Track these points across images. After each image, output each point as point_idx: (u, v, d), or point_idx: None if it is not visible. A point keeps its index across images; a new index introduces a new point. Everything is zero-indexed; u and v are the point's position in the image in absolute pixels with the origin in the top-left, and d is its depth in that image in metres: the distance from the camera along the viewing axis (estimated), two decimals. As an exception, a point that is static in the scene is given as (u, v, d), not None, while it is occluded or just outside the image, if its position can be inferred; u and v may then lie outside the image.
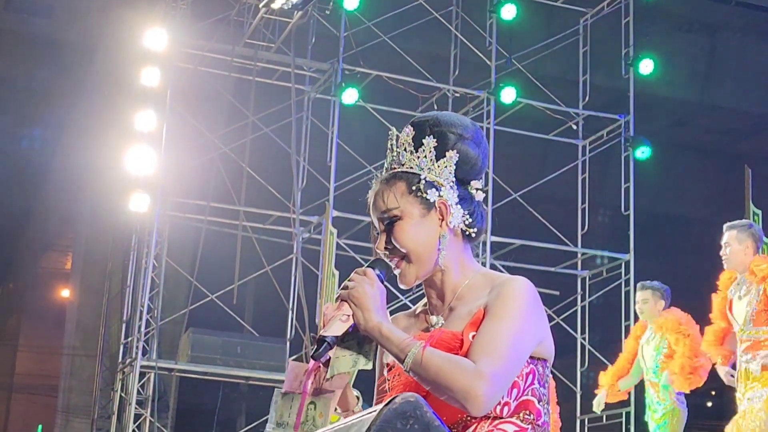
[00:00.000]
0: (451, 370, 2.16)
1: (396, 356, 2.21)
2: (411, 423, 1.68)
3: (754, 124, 15.98)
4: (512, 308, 2.27)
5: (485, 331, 2.25)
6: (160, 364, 10.95)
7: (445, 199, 2.38)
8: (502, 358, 2.21)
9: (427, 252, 2.36)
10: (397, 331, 2.24)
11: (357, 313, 2.24)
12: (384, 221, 2.38)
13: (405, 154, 2.40)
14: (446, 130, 2.40)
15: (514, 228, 11.99)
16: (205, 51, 11.58)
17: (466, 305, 2.35)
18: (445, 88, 12.28)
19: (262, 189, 11.62)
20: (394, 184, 2.39)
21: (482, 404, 2.17)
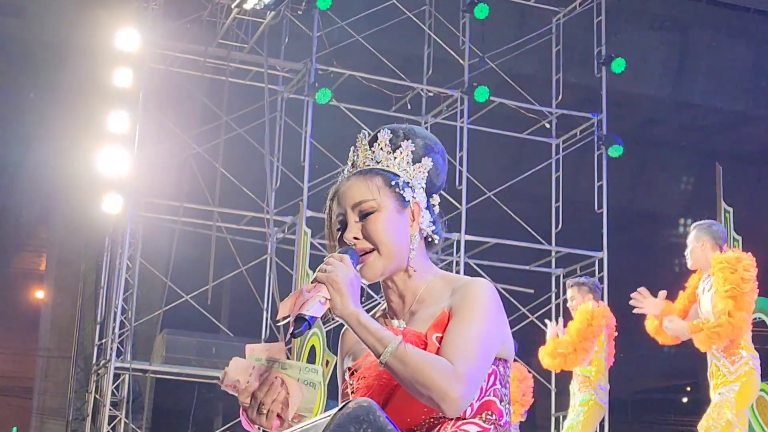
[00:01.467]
0: (430, 369, 2.17)
1: (372, 347, 2.20)
2: (364, 427, 1.70)
3: (726, 120, 16.07)
4: (479, 310, 2.30)
5: (455, 333, 2.26)
6: (135, 366, 10.93)
7: (417, 201, 2.41)
8: (475, 360, 2.24)
9: (399, 247, 2.38)
10: (374, 322, 2.24)
11: (335, 298, 2.21)
12: (358, 212, 2.38)
13: (382, 153, 2.43)
14: (421, 140, 2.45)
15: (488, 227, 12.03)
16: (178, 52, 11.56)
17: (428, 308, 2.37)
18: (419, 87, 12.31)
19: (236, 189, 11.61)
20: (371, 178, 2.40)
21: (458, 406, 2.20)
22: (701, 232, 6.55)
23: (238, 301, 13.92)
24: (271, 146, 11.73)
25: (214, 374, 11.17)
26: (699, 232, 6.56)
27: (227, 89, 11.66)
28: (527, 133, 12.94)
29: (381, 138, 2.44)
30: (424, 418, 2.27)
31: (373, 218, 2.37)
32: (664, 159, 16.38)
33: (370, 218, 2.37)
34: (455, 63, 12.29)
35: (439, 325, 2.31)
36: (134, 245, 11.22)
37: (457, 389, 2.17)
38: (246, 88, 12.10)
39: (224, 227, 11.62)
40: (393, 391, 2.29)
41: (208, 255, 11.36)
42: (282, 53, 12.02)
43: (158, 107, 11.37)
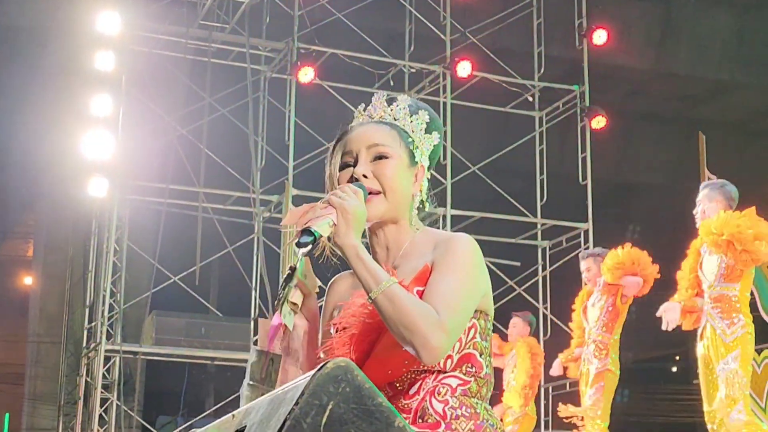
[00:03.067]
0: (417, 313, 2.19)
1: (365, 282, 2.22)
2: (343, 386, 1.73)
3: (710, 89, 16.11)
4: (460, 263, 2.33)
5: (438, 285, 2.29)
6: (125, 348, 10.96)
7: (423, 165, 2.47)
8: (456, 311, 2.26)
9: (403, 198, 2.42)
10: (371, 259, 2.27)
11: (341, 225, 2.23)
12: (373, 152, 2.42)
13: (400, 112, 2.48)
14: (433, 116, 2.52)
15: (473, 201, 12.07)
16: (159, 34, 11.52)
17: (411, 262, 2.40)
18: (401, 63, 12.31)
19: (221, 170, 11.62)
20: (387, 128, 2.45)
21: (437, 354, 2.21)
22: (714, 191, 6.53)
23: (226, 281, 13.96)
24: (255, 126, 11.73)
25: (204, 354, 11.23)
26: (711, 191, 6.53)
27: (210, 70, 11.64)
28: (510, 106, 12.96)
29: (400, 100, 2.50)
30: (405, 371, 2.30)
31: (387, 162, 2.40)
32: (648, 129, 16.44)
33: (384, 161, 2.40)
34: (437, 38, 12.29)
35: (421, 279, 2.33)
36: (121, 228, 11.22)
37: (438, 338, 2.19)
38: (228, 68, 12.09)
39: (210, 208, 11.63)
40: (374, 342, 2.31)
41: (195, 236, 11.38)
42: (263, 33, 11.99)
43: (141, 90, 11.35)
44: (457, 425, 2.28)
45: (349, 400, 1.73)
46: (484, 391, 2.38)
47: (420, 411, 2.29)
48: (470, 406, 2.31)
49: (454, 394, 2.31)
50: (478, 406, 2.33)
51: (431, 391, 2.30)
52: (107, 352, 10.83)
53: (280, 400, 1.81)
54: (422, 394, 2.30)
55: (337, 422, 1.71)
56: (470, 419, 2.29)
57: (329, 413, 1.71)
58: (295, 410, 1.70)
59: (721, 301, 6.37)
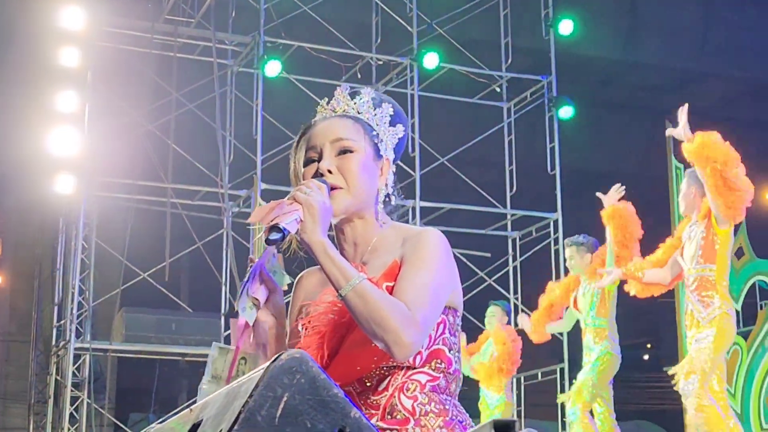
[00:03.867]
0: (389, 309, 2.18)
1: (335, 279, 2.21)
2: (297, 377, 1.71)
3: (678, 79, 16.16)
4: (430, 258, 2.32)
5: (408, 280, 2.28)
6: (95, 345, 10.90)
7: (388, 158, 2.47)
8: (427, 307, 2.26)
9: (368, 193, 2.41)
10: (340, 255, 2.25)
11: (308, 222, 2.22)
12: (337, 147, 2.40)
13: (364, 105, 2.47)
14: (397, 108, 2.52)
15: (442, 192, 12.08)
16: (124, 29, 11.44)
17: (380, 258, 2.39)
18: (368, 56, 12.29)
19: (189, 165, 11.56)
20: (351, 122, 2.44)
21: (409, 350, 2.21)
22: (692, 178, 6.66)
23: (196, 276, 13.90)
24: (223, 120, 11.68)
25: (175, 350, 11.18)
26: (690, 178, 6.68)
27: (176, 65, 11.57)
28: (478, 97, 12.97)
29: (364, 93, 2.49)
30: (375, 367, 2.29)
31: (352, 157, 2.39)
32: (616, 119, 16.50)
33: (348, 156, 2.39)
34: (404, 30, 12.28)
35: (390, 274, 2.32)
36: (89, 225, 11.15)
37: (410, 334, 2.19)
38: (195, 63, 12.03)
39: (179, 203, 11.58)
40: (343, 338, 2.31)
41: (164, 232, 11.32)
42: (230, 26, 11.95)
43: (107, 85, 11.27)
44: (426, 421, 2.28)
45: (304, 392, 1.72)
46: (453, 387, 2.38)
47: (389, 407, 2.29)
48: (439, 402, 2.32)
49: (423, 390, 2.31)
50: (447, 402, 2.34)
51: (400, 387, 2.30)
52: (77, 350, 10.76)
53: (235, 392, 1.80)
54: (391, 390, 2.30)
55: (292, 414, 1.70)
56: (439, 415, 2.29)
57: (284, 405, 1.70)
58: (250, 402, 1.69)
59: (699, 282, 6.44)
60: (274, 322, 2.38)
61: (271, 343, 2.36)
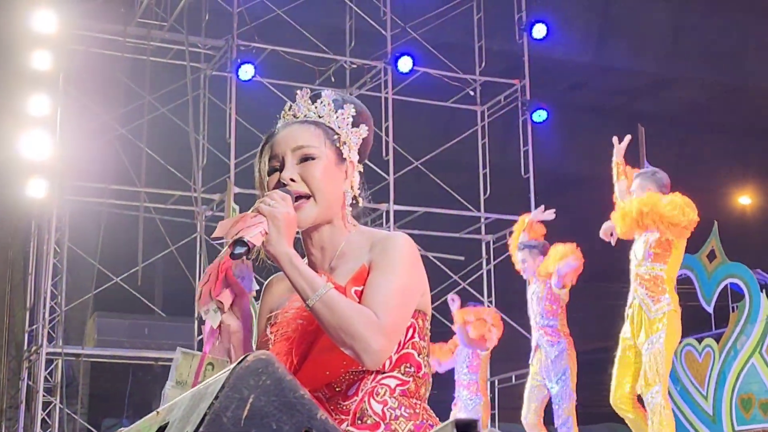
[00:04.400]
0: (356, 318, 2.19)
1: (301, 290, 2.21)
2: (263, 379, 1.71)
3: (650, 83, 16.26)
4: (398, 263, 2.32)
5: (376, 286, 2.28)
6: (67, 350, 10.83)
7: (353, 160, 2.45)
8: (396, 313, 2.26)
9: (334, 199, 2.40)
10: (306, 266, 2.25)
11: (272, 234, 2.22)
12: (299, 155, 2.38)
13: (325, 109, 2.45)
14: (360, 108, 2.50)
15: (417, 196, 12.09)
16: (97, 32, 11.40)
17: (348, 263, 2.39)
18: (342, 59, 12.30)
19: (162, 169, 11.52)
20: (312, 128, 2.41)
21: (379, 358, 2.22)
22: (646, 180, 6.67)
23: (169, 281, 13.85)
24: (196, 124, 11.65)
25: (147, 355, 11.13)
26: (643, 180, 6.68)
27: (148, 68, 11.53)
28: (452, 101, 13.00)
29: (324, 96, 2.47)
30: (344, 372, 2.28)
31: (314, 164, 2.37)
32: (588, 123, 16.54)
33: (310, 163, 2.37)
34: (378, 34, 12.29)
35: (358, 279, 2.32)
36: (61, 229, 11.09)
37: (380, 341, 2.19)
38: (168, 66, 11.99)
39: (152, 207, 11.54)
40: (312, 344, 2.30)
41: (137, 236, 11.27)
42: (203, 30, 11.91)
43: (79, 89, 11.22)
44: (397, 425, 2.28)
45: (269, 393, 1.72)
46: (423, 391, 2.37)
47: (359, 412, 2.28)
48: (409, 406, 2.31)
49: (393, 395, 2.31)
50: (417, 406, 2.33)
51: (370, 392, 2.29)
52: (49, 355, 10.69)
53: (202, 394, 1.80)
54: (361, 395, 2.29)
55: (258, 415, 1.70)
56: (409, 419, 2.29)
57: (250, 406, 1.70)
58: (215, 404, 1.69)
59: (649, 279, 6.48)
60: (240, 326, 2.36)
61: (236, 347, 2.35)
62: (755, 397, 9.23)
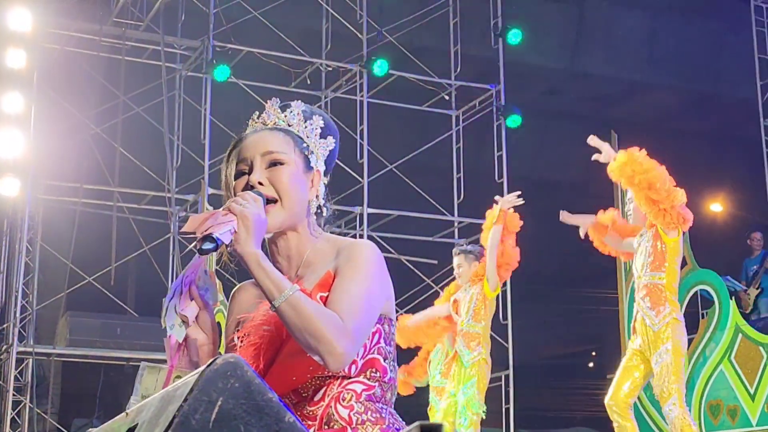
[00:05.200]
0: (322, 320, 2.20)
1: (268, 291, 2.22)
2: (232, 382, 1.73)
3: (623, 90, 16.35)
4: (364, 269, 2.34)
5: (342, 291, 2.30)
6: (38, 350, 10.77)
7: (319, 170, 2.48)
8: (361, 317, 2.28)
9: (300, 205, 2.42)
10: (273, 268, 2.26)
11: (241, 233, 2.22)
12: (267, 160, 2.40)
13: (294, 118, 2.47)
14: (328, 120, 2.52)
15: (390, 199, 12.12)
16: (72, 31, 11.35)
17: (315, 271, 2.40)
18: (318, 62, 12.31)
19: (136, 169, 11.49)
20: (282, 135, 2.44)
21: (343, 361, 2.23)
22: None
23: (142, 281, 13.81)
24: (171, 124, 11.62)
25: (119, 355, 11.09)
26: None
27: (124, 68, 11.50)
28: (427, 105, 13.04)
29: (294, 106, 2.49)
30: (310, 377, 2.30)
31: (282, 169, 2.40)
32: (563, 129, 16.62)
33: (279, 168, 2.39)
34: (353, 37, 12.31)
35: (324, 285, 2.34)
36: (34, 228, 11.04)
37: (344, 344, 2.21)
38: (143, 66, 11.96)
39: (125, 207, 11.51)
40: (279, 350, 2.32)
41: (110, 236, 11.24)
42: (179, 31, 11.90)
43: (54, 87, 11.17)
44: (363, 430, 2.29)
45: (238, 396, 1.73)
46: (389, 396, 2.40)
47: (325, 417, 2.30)
48: (375, 411, 2.33)
49: (359, 400, 2.32)
50: (384, 410, 2.35)
51: (336, 397, 2.31)
52: (20, 354, 10.62)
53: (170, 397, 1.81)
54: (327, 401, 2.31)
55: (227, 418, 1.71)
56: (376, 423, 2.31)
57: (218, 409, 1.72)
58: (184, 407, 1.71)
59: (649, 289, 6.55)
60: (206, 339, 2.38)
61: (203, 360, 2.35)
62: (723, 403, 9.29)
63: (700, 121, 16.76)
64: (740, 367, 9.22)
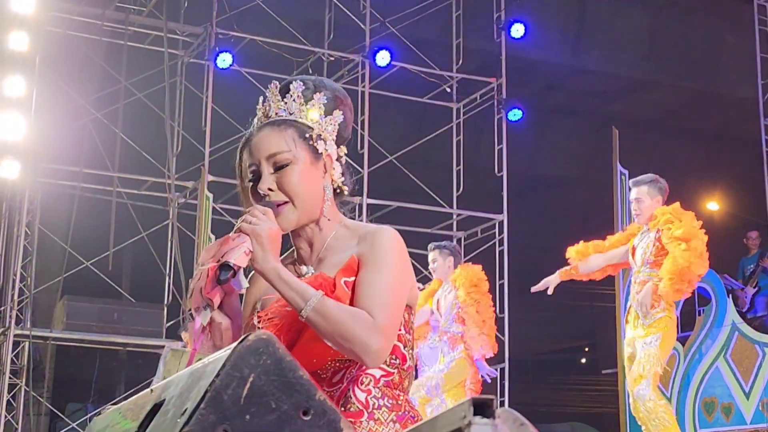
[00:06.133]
0: (351, 322, 2.20)
1: (293, 302, 2.23)
2: (264, 358, 1.73)
3: (623, 86, 16.36)
4: (388, 259, 2.33)
5: (369, 284, 2.30)
6: (35, 333, 10.77)
7: (330, 153, 2.43)
8: (391, 310, 2.28)
9: (313, 200, 2.39)
10: (294, 277, 2.27)
11: (257, 251, 2.23)
12: (272, 163, 2.38)
13: (295, 105, 2.41)
14: (331, 92, 2.45)
15: (390, 190, 12.13)
16: (75, 15, 11.33)
17: (336, 255, 2.40)
18: (320, 52, 12.31)
19: (137, 155, 11.49)
20: (285, 129, 2.39)
21: (379, 357, 2.24)
22: (653, 188, 6.77)
23: (139, 266, 13.79)
24: (172, 111, 11.60)
25: (116, 340, 11.10)
26: (652, 189, 6.77)
27: (126, 53, 11.49)
28: (428, 97, 13.04)
29: (293, 89, 2.42)
30: (330, 360, 2.30)
31: (289, 170, 2.37)
32: (562, 124, 16.64)
33: (285, 170, 2.37)
34: (356, 27, 12.31)
35: (348, 270, 2.34)
36: (32, 211, 11.02)
37: (378, 341, 2.22)
38: (145, 52, 11.94)
39: (125, 192, 11.50)
40: (300, 332, 2.31)
41: (109, 221, 11.24)
42: (182, 17, 11.87)
43: (56, 71, 11.16)
44: (380, 415, 2.30)
45: (269, 373, 1.73)
46: (406, 383, 2.40)
47: (342, 399, 2.31)
48: (392, 397, 2.34)
49: (377, 385, 2.33)
50: (400, 397, 2.36)
51: (354, 380, 2.32)
52: (16, 336, 10.62)
53: (201, 372, 1.82)
54: (345, 383, 2.31)
55: (258, 394, 1.72)
56: (392, 410, 2.32)
57: (250, 385, 1.72)
58: (216, 382, 1.71)
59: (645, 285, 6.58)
60: (230, 324, 2.36)
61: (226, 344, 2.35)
62: (718, 400, 9.32)
63: (699, 119, 16.78)
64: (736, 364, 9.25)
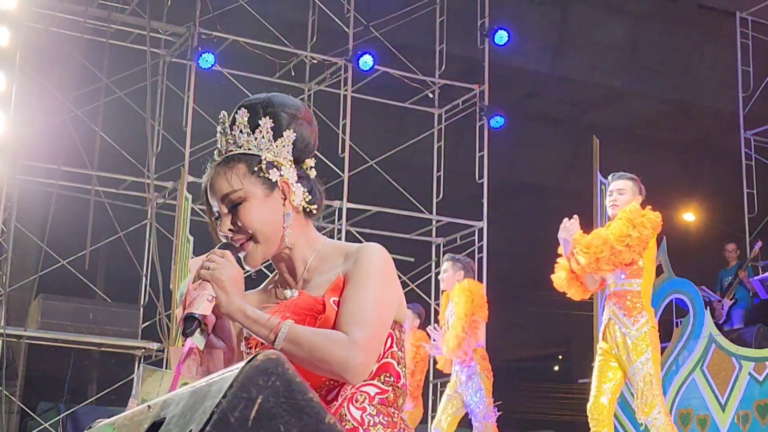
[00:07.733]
0: (325, 344, 2.19)
1: (264, 337, 2.22)
2: (273, 380, 1.69)
3: (603, 95, 16.41)
4: (374, 275, 2.31)
5: (351, 300, 2.28)
6: (9, 331, 10.67)
7: (286, 178, 2.39)
8: (372, 325, 2.26)
9: (274, 231, 2.37)
10: (261, 313, 2.25)
11: (221, 296, 2.22)
12: (227, 204, 2.36)
13: (242, 136, 2.38)
14: (280, 111, 2.40)
15: (370, 195, 12.10)
16: (57, 11, 11.24)
17: (322, 275, 2.39)
18: (303, 54, 12.26)
19: (116, 153, 11.40)
20: (234, 166, 2.36)
21: (360, 373, 2.22)
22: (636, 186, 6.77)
23: (116, 266, 13.72)
24: (153, 110, 11.52)
25: (90, 340, 11.00)
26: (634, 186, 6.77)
27: (107, 51, 11.40)
28: (410, 102, 13.02)
29: (239, 119, 2.39)
30: (325, 380, 2.29)
31: (243, 209, 2.35)
32: (543, 131, 16.67)
33: (239, 209, 2.35)
34: (340, 31, 12.27)
35: (335, 289, 2.32)
36: (9, 208, 10.92)
37: (357, 357, 2.20)
38: (127, 50, 11.85)
39: (103, 191, 11.41)
40: None
41: (86, 219, 11.15)
42: (165, 16, 11.79)
43: (36, 68, 11.06)
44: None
45: (279, 394, 1.69)
46: (401, 401, 2.39)
47: (337, 417, 2.28)
48: (387, 414, 2.33)
49: (372, 402, 2.32)
50: (395, 415, 2.35)
51: (349, 398, 2.31)
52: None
53: (205, 392, 1.77)
54: (340, 401, 2.30)
55: (266, 417, 1.67)
56: (387, 427, 2.31)
57: (258, 407, 1.67)
58: (223, 403, 1.66)
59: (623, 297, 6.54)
60: (225, 347, 2.36)
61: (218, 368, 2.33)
62: (694, 412, 9.34)
63: (677, 129, 16.85)
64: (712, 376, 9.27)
